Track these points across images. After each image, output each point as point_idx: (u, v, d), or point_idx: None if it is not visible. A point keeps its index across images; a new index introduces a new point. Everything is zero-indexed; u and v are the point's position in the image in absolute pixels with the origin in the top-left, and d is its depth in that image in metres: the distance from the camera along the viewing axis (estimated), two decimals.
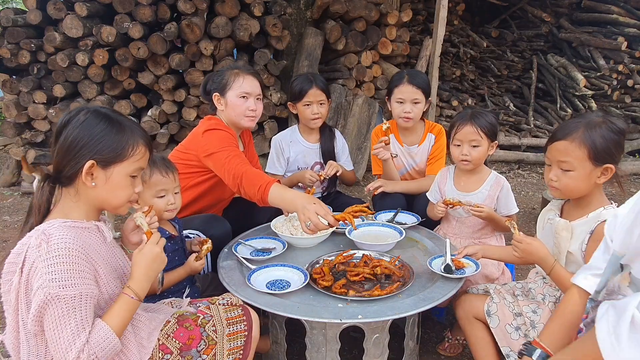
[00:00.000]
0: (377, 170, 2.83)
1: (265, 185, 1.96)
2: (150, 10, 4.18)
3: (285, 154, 2.83)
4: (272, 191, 1.94)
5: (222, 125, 2.32)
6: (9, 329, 1.26)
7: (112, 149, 1.30)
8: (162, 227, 1.82)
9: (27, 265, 1.20)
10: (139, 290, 1.32)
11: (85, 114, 1.30)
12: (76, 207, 1.32)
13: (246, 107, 2.34)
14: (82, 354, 1.18)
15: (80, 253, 1.22)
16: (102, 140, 1.29)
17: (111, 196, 1.34)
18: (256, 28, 4.49)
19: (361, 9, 4.95)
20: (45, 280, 1.16)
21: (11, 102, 4.52)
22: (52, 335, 1.18)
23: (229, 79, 2.34)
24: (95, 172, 1.29)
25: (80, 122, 1.29)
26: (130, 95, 4.55)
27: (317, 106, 2.68)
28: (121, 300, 1.30)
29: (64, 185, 1.32)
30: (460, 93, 6.42)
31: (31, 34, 4.41)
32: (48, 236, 1.20)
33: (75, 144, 1.27)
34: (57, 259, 1.18)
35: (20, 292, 1.21)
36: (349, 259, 1.98)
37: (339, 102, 4.87)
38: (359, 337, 1.82)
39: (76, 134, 1.28)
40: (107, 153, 1.29)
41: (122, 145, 1.31)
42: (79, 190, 1.31)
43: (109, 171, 1.31)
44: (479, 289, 1.88)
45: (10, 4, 11.92)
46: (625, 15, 6.60)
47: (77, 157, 1.27)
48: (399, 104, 2.65)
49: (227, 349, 1.52)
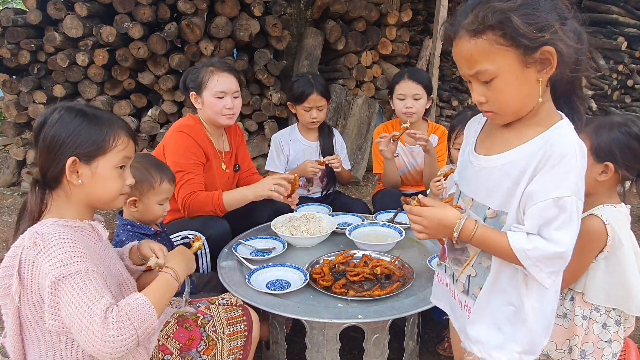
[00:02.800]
0: (377, 169, 2.83)
1: (216, 196, 2.21)
2: (150, 10, 4.18)
3: (284, 151, 2.83)
4: (224, 197, 2.21)
5: (193, 131, 2.30)
6: (9, 332, 1.25)
7: (91, 142, 1.26)
8: (147, 225, 1.85)
9: (25, 267, 1.18)
10: (178, 270, 1.35)
11: (59, 112, 1.27)
12: (68, 208, 1.29)
13: (222, 106, 2.32)
14: (109, 312, 1.12)
15: (77, 242, 1.20)
16: (80, 135, 1.25)
17: (101, 191, 1.30)
18: (256, 28, 4.49)
19: (361, 9, 4.95)
20: (47, 267, 1.14)
21: (11, 102, 4.52)
22: (71, 314, 1.12)
23: (203, 78, 2.31)
24: (80, 169, 1.26)
25: (55, 121, 1.25)
26: (130, 95, 4.54)
27: (316, 111, 2.70)
28: (160, 277, 1.32)
29: (52, 188, 1.29)
30: (460, 93, 6.41)
31: (31, 34, 4.40)
32: (42, 234, 1.18)
33: (54, 143, 1.24)
34: (54, 247, 1.16)
35: (25, 294, 1.19)
36: (349, 259, 1.98)
37: (339, 102, 4.87)
38: (359, 337, 1.82)
39: (53, 132, 1.25)
40: (87, 147, 1.26)
41: (102, 137, 1.27)
42: (67, 191, 1.28)
43: (94, 165, 1.27)
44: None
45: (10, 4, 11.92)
46: (625, 15, 6.60)
47: (58, 156, 1.24)
48: (400, 100, 2.66)
49: (227, 349, 1.52)
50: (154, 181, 1.79)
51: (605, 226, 1.50)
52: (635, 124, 1.54)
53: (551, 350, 1.62)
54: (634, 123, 1.54)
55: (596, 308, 1.58)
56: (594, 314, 1.58)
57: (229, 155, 2.55)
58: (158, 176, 1.80)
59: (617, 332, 1.58)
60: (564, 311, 1.63)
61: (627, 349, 1.63)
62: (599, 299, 1.55)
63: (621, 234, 1.51)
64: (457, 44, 1.12)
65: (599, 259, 1.54)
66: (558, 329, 1.62)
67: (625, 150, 1.52)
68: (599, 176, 1.56)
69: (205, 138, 2.37)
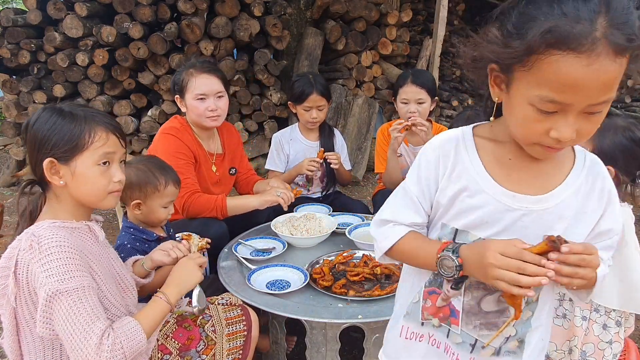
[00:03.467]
0: (380, 168, 2.83)
1: (219, 200, 2.21)
2: (150, 10, 4.17)
3: (285, 151, 2.83)
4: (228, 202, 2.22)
5: (179, 133, 2.28)
6: (7, 332, 1.25)
7: (65, 141, 1.22)
8: (152, 230, 1.82)
9: (21, 268, 1.18)
10: (169, 295, 1.35)
11: (39, 114, 1.26)
12: (61, 209, 1.28)
13: (205, 108, 2.25)
14: (105, 339, 1.13)
15: (72, 249, 1.19)
16: (55, 135, 1.22)
17: (85, 190, 1.26)
18: (256, 28, 4.49)
19: (361, 9, 4.95)
20: (43, 278, 1.14)
21: (11, 102, 4.52)
22: (65, 330, 1.13)
23: (184, 81, 2.26)
24: (60, 170, 1.24)
25: (33, 123, 1.24)
26: (130, 95, 4.54)
27: (316, 111, 2.70)
28: (152, 302, 1.33)
29: (44, 189, 1.29)
30: (460, 93, 6.41)
31: (31, 34, 4.40)
32: (38, 237, 1.17)
33: (34, 145, 1.24)
34: (51, 257, 1.15)
35: (20, 296, 1.19)
36: (349, 259, 1.98)
37: (339, 102, 4.87)
38: (359, 337, 1.81)
39: (32, 135, 1.24)
40: (62, 147, 1.22)
41: (76, 135, 1.23)
42: (55, 191, 1.27)
43: (72, 165, 1.24)
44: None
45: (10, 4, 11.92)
46: None
47: (38, 158, 1.23)
48: (404, 104, 2.66)
49: (226, 349, 1.52)
50: (158, 184, 1.75)
51: None
52: (638, 128, 1.54)
53: (551, 351, 1.62)
54: (637, 128, 1.54)
55: (596, 309, 1.58)
56: (594, 315, 1.58)
57: (220, 158, 2.50)
58: (163, 179, 1.77)
59: (618, 333, 1.58)
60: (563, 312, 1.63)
61: (627, 349, 1.63)
62: (611, 303, 1.54)
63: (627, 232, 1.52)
64: (591, 63, 0.79)
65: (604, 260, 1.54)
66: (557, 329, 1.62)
67: (628, 156, 1.52)
68: None
69: (193, 140, 2.33)
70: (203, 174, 2.37)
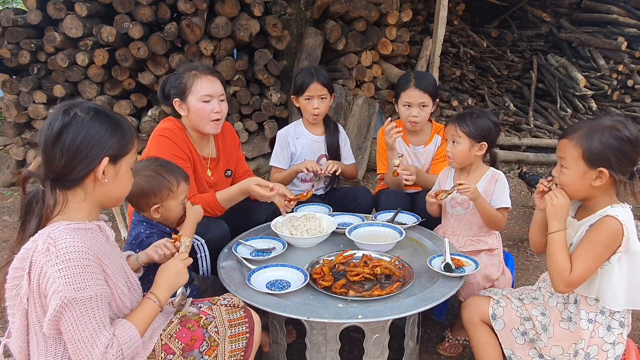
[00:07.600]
0: (381, 169, 2.83)
1: (210, 196, 2.22)
2: (150, 10, 4.18)
3: (290, 148, 2.82)
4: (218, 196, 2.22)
5: (174, 135, 2.22)
6: (16, 333, 1.26)
7: (120, 143, 1.33)
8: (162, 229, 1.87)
9: (34, 270, 1.19)
10: (160, 296, 1.42)
11: (87, 113, 1.28)
12: (79, 209, 1.31)
13: (210, 110, 2.21)
14: (110, 348, 1.20)
15: (89, 254, 1.22)
16: (112, 137, 1.31)
17: (119, 189, 1.38)
18: (256, 28, 4.49)
19: (361, 9, 4.95)
20: (60, 284, 1.16)
21: (11, 102, 4.52)
22: (72, 337, 1.18)
23: (187, 83, 2.20)
24: (107, 169, 1.31)
25: (85, 122, 1.27)
26: (130, 95, 4.55)
27: (318, 101, 2.68)
28: (144, 304, 1.38)
29: (67, 188, 1.29)
30: (460, 93, 6.41)
31: (31, 34, 4.41)
32: (55, 240, 1.19)
33: (85, 144, 1.26)
34: (68, 263, 1.17)
35: (32, 297, 1.20)
36: (349, 259, 1.98)
37: (339, 102, 4.87)
38: (359, 337, 1.82)
39: (85, 133, 1.26)
40: (117, 148, 1.32)
41: (127, 139, 1.35)
42: (87, 190, 1.31)
43: (118, 166, 1.34)
44: (486, 294, 1.86)
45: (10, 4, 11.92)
46: (625, 15, 6.60)
47: (89, 157, 1.27)
48: (406, 107, 2.65)
49: (228, 351, 1.52)
50: (171, 185, 1.82)
51: (622, 226, 1.50)
52: (624, 126, 1.53)
53: (557, 354, 1.61)
54: (624, 125, 1.53)
55: (601, 311, 1.57)
56: (599, 317, 1.57)
57: (215, 162, 2.44)
58: (174, 179, 1.84)
59: (621, 334, 1.57)
60: (569, 315, 1.62)
61: (628, 349, 1.63)
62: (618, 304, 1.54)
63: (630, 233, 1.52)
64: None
65: (612, 262, 1.53)
66: (564, 333, 1.61)
67: (619, 155, 1.51)
68: (594, 182, 1.55)
69: (187, 143, 2.28)
70: (199, 177, 2.33)
